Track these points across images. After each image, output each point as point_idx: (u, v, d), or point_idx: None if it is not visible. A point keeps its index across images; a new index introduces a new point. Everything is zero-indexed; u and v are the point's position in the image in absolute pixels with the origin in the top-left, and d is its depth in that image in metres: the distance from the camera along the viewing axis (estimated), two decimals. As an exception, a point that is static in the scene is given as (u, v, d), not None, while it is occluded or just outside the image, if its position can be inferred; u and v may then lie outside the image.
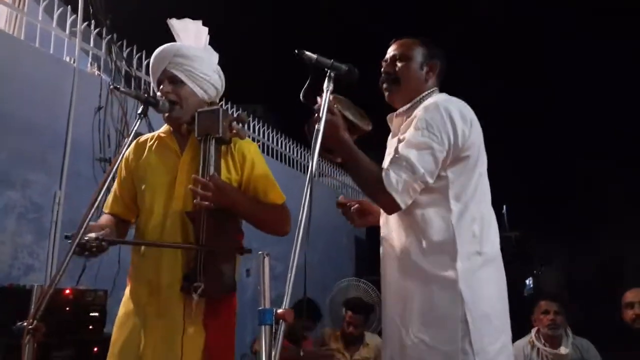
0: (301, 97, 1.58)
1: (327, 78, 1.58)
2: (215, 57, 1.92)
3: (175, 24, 1.88)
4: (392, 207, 1.66)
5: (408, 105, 1.85)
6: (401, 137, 1.76)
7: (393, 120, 1.93)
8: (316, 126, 1.52)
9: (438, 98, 1.78)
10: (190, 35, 1.87)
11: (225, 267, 1.67)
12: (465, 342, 1.61)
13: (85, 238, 1.53)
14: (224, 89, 1.93)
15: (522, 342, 3.41)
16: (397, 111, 1.90)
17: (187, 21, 1.89)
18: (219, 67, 1.90)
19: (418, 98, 1.84)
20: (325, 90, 1.57)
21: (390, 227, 1.82)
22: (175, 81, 1.78)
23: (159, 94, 1.80)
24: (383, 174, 1.65)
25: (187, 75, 1.78)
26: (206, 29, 1.91)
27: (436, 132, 1.67)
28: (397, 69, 1.86)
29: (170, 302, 1.68)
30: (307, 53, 1.59)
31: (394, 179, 1.63)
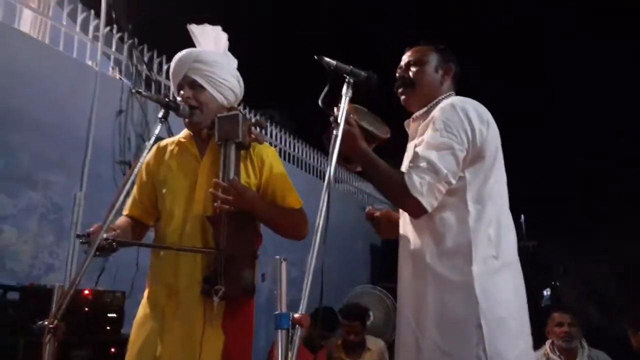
0: (319, 103, 1.58)
1: (345, 84, 1.58)
2: (234, 62, 1.94)
3: (194, 29, 1.90)
4: (418, 210, 1.65)
5: (424, 109, 1.85)
6: (418, 141, 1.75)
7: (410, 125, 1.93)
8: (334, 132, 1.53)
9: (454, 99, 1.78)
10: (210, 41, 1.90)
11: (246, 270, 1.67)
12: (480, 349, 1.58)
13: (92, 238, 1.58)
14: (242, 94, 1.94)
15: (537, 354, 3.35)
16: (414, 115, 1.90)
17: (207, 27, 1.91)
18: (237, 73, 1.92)
19: (434, 101, 1.83)
20: (343, 97, 1.57)
21: (407, 229, 1.80)
22: (195, 86, 1.80)
23: (179, 98, 1.82)
24: (406, 178, 1.63)
25: (207, 80, 1.80)
26: (225, 35, 1.94)
27: (454, 131, 1.66)
28: (411, 73, 1.86)
29: (189, 305, 1.69)
30: (327, 59, 1.59)
31: (417, 182, 1.61)
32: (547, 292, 6.86)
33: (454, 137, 1.66)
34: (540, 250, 6.70)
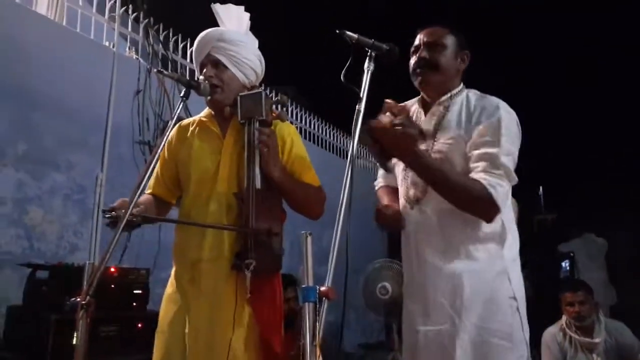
0: (342, 78, 1.57)
1: (368, 58, 1.57)
2: (255, 42, 1.94)
3: (218, 9, 1.91)
4: (496, 215, 1.67)
5: (447, 96, 1.81)
6: (455, 135, 1.73)
7: (424, 107, 1.88)
8: (357, 107, 1.52)
9: (504, 105, 1.74)
10: (233, 20, 1.90)
11: (274, 244, 1.70)
12: (520, 330, 1.68)
13: (116, 213, 1.60)
14: (264, 73, 1.95)
15: (554, 329, 3.35)
16: (439, 100, 1.82)
17: (230, 6, 1.92)
18: (259, 52, 1.93)
19: (456, 90, 1.81)
20: (366, 71, 1.56)
21: (431, 217, 1.76)
22: (217, 65, 1.82)
23: (201, 77, 1.83)
24: (490, 190, 1.60)
25: (230, 59, 1.82)
26: (248, 15, 1.94)
27: (514, 138, 1.71)
28: (432, 55, 1.80)
29: (214, 281, 1.72)
30: (348, 33, 1.58)
31: (500, 191, 1.62)
32: (565, 264, 6.85)
33: (514, 143, 1.70)
34: (558, 222, 6.66)
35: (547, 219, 6.60)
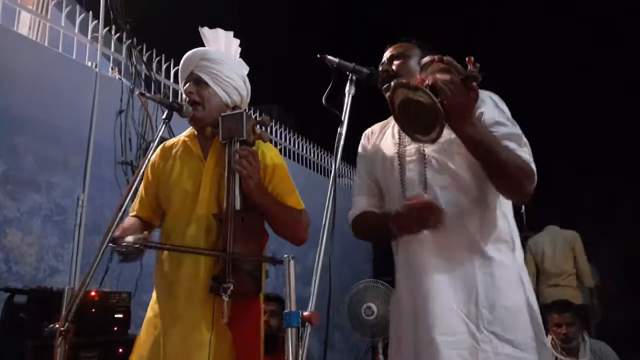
0: (323, 101, 1.58)
1: (349, 81, 1.59)
2: (245, 69, 1.95)
3: (206, 32, 1.92)
4: (532, 192, 1.58)
5: None
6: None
7: None
8: (338, 130, 1.53)
9: (493, 95, 1.73)
10: (221, 45, 1.92)
11: (252, 268, 1.67)
12: (537, 337, 1.58)
13: (125, 243, 1.57)
14: (249, 97, 1.94)
15: None
16: None
17: (219, 31, 1.93)
18: (245, 75, 1.93)
19: None
20: (347, 94, 1.58)
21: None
22: (199, 82, 1.82)
23: (184, 95, 1.84)
24: (531, 164, 1.56)
25: (211, 77, 1.82)
26: (237, 41, 1.96)
27: None
28: (394, 66, 1.81)
29: (192, 305, 1.69)
30: (329, 57, 1.60)
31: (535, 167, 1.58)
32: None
33: None
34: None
35: (529, 237, 6.65)
